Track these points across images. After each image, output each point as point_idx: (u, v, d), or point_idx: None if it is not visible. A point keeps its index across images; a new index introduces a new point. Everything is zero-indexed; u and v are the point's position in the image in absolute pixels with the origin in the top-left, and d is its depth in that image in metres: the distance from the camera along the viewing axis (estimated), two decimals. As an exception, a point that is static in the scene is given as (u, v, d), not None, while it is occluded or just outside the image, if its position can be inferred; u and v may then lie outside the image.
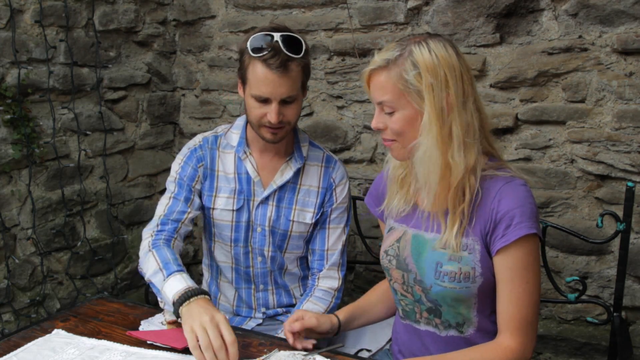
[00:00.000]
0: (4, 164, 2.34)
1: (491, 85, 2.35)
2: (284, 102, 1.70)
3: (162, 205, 1.85)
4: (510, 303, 1.37)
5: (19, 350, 1.44)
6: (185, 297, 1.48)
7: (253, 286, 1.94)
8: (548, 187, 2.32)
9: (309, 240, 1.93)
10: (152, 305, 1.90)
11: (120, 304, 1.74)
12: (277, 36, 1.67)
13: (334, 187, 1.90)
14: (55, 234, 2.55)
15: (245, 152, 1.86)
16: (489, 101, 2.36)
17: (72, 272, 2.63)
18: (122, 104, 2.84)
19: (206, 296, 1.50)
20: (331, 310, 1.86)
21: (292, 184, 1.87)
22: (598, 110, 2.19)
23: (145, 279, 1.67)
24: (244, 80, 1.74)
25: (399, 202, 1.53)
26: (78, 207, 2.65)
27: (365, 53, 2.56)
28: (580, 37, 2.18)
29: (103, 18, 2.67)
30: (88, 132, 2.65)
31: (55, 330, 1.54)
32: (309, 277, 1.96)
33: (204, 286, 2.06)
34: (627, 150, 2.15)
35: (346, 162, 2.71)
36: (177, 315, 1.48)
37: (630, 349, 1.86)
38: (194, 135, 3.02)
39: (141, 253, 1.73)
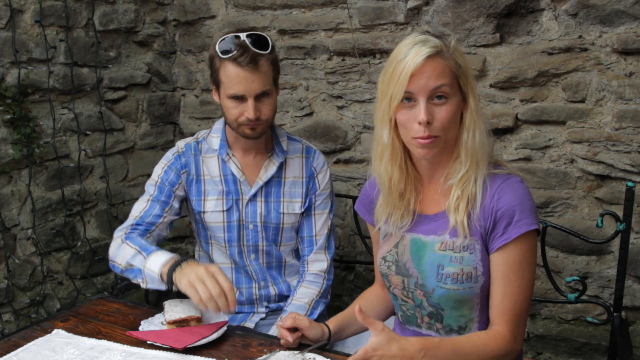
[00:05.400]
0: (4, 164, 2.34)
1: (491, 85, 2.35)
2: (259, 98, 1.75)
3: (138, 209, 1.87)
4: (504, 298, 1.38)
5: (19, 350, 1.44)
6: (174, 265, 1.58)
7: (254, 284, 1.96)
8: (548, 187, 2.32)
9: (298, 230, 1.98)
10: (152, 305, 1.90)
11: (120, 304, 1.75)
12: (243, 36, 1.73)
13: (315, 174, 1.96)
14: (55, 234, 2.55)
15: (227, 154, 1.91)
16: (489, 101, 2.36)
17: (72, 272, 2.63)
18: (122, 104, 2.84)
19: (193, 259, 1.66)
20: (324, 292, 1.94)
21: (277, 179, 1.93)
22: (598, 110, 2.19)
23: (121, 269, 1.72)
24: (217, 84, 1.80)
25: (395, 218, 1.50)
26: (78, 207, 2.65)
27: (365, 53, 2.56)
28: (580, 37, 2.18)
29: (103, 18, 2.67)
30: (88, 132, 2.65)
31: (55, 330, 1.54)
32: (300, 265, 2.00)
33: None
34: (627, 150, 2.15)
35: (346, 162, 2.71)
36: (170, 283, 1.57)
37: (630, 349, 1.86)
38: (194, 135, 3.02)
39: (112, 249, 1.79)
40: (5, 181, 2.39)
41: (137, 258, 1.68)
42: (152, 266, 1.62)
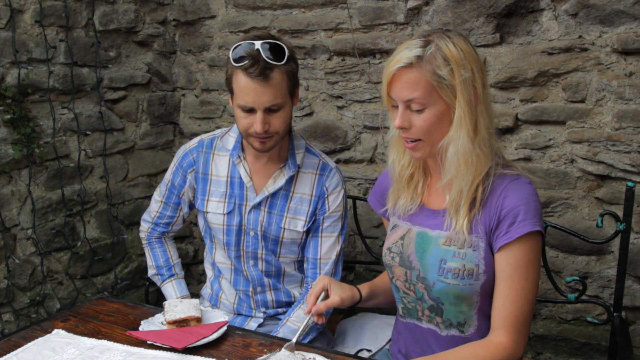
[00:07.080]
0: (4, 164, 2.34)
1: (491, 85, 2.35)
2: (269, 111, 1.68)
3: (157, 204, 2.05)
4: (507, 300, 1.37)
5: (19, 350, 1.44)
6: None
7: (251, 288, 1.94)
8: (548, 187, 2.32)
9: (303, 246, 1.92)
10: (152, 305, 1.90)
11: (120, 304, 1.75)
12: (258, 44, 1.64)
13: (326, 195, 1.87)
14: (55, 234, 2.55)
15: (239, 157, 1.86)
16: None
17: (72, 272, 2.63)
18: (122, 104, 2.84)
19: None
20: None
21: (284, 191, 1.86)
22: (598, 110, 2.19)
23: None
24: (230, 90, 1.74)
25: (405, 201, 1.54)
26: (78, 207, 2.65)
27: (365, 53, 2.56)
28: (580, 37, 2.18)
29: (103, 18, 2.67)
30: (88, 132, 2.65)
31: (55, 330, 1.54)
32: (303, 284, 1.96)
33: (207, 285, 2.06)
34: (627, 150, 2.15)
35: (346, 162, 2.71)
36: None
37: (630, 349, 1.86)
38: (194, 135, 3.03)
39: (142, 237, 2.13)
40: (5, 181, 2.39)
41: (155, 278, 2.07)
42: (167, 294, 2.04)
